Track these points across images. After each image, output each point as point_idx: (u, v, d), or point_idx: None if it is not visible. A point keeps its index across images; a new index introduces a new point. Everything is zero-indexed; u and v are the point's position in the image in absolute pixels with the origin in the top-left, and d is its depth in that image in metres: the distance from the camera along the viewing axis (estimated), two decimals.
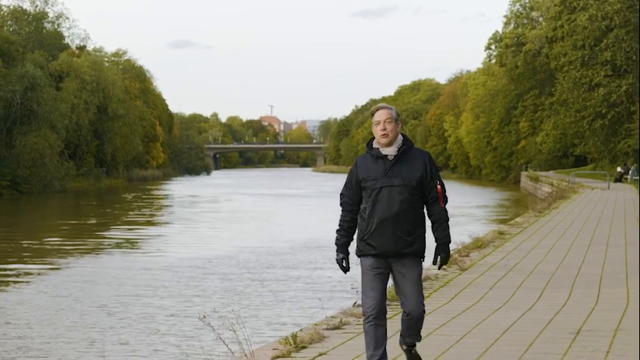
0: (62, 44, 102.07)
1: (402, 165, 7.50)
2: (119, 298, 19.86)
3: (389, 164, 7.50)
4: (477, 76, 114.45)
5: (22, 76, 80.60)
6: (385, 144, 7.52)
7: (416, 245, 7.54)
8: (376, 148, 7.58)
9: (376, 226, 7.46)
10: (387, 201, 7.44)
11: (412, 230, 7.51)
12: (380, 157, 7.53)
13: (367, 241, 7.52)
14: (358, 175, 7.59)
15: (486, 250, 19.30)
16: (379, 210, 7.46)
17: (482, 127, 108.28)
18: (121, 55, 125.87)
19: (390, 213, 7.44)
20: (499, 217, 43.39)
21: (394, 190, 7.45)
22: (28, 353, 14.46)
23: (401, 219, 7.45)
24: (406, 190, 7.46)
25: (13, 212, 58.33)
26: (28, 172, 77.91)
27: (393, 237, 7.45)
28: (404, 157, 7.53)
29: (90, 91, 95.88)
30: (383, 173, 7.48)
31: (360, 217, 7.61)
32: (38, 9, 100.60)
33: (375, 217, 7.46)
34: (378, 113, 7.62)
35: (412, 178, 7.48)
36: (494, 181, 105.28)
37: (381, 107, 7.66)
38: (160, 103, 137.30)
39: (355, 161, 7.70)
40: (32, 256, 29.46)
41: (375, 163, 7.54)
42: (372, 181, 7.49)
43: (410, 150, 7.58)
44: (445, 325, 10.43)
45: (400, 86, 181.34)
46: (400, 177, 7.47)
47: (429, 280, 14.24)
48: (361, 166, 7.61)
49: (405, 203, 7.45)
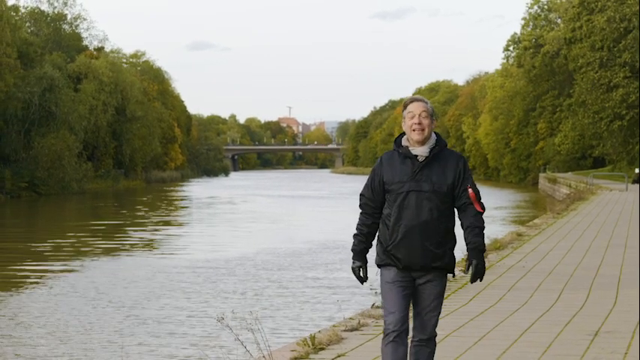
0: (80, 46, 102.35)
1: (433, 168, 6.65)
2: (137, 299, 19.90)
3: (418, 166, 6.64)
4: (495, 78, 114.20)
5: (41, 78, 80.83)
6: (419, 141, 6.64)
7: (446, 259, 6.67)
8: (405, 147, 6.71)
9: (402, 236, 6.61)
10: (415, 208, 6.59)
11: (442, 242, 6.64)
12: (409, 156, 6.67)
13: (391, 251, 6.66)
14: (383, 175, 6.73)
15: (504, 251, 19.27)
16: (406, 218, 6.60)
17: (501, 129, 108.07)
18: (139, 56, 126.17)
19: (418, 222, 6.58)
20: (517, 219, 43.27)
21: (423, 196, 6.59)
22: (46, 354, 14.50)
23: (430, 229, 6.60)
24: (436, 196, 6.61)
25: (32, 213, 58.51)
26: (46, 173, 78.08)
27: (421, 249, 6.60)
28: (436, 159, 6.68)
29: (108, 92, 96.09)
30: (411, 176, 6.63)
31: (383, 223, 6.75)
32: (56, 10, 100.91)
33: (402, 225, 6.61)
34: (412, 105, 6.74)
35: (443, 183, 6.63)
36: (512, 183, 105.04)
37: (417, 99, 6.78)
38: (179, 104, 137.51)
39: (380, 159, 6.83)
40: (50, 257, 29.54)
41: (402, 164, 6.68)
42: (398, 184, 6.64)
43: (443, 151, 6.73)
44: (463, 327, 10.42)
45: (418, 88, 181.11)
46: (430, 181, 6.61)
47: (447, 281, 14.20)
48: (387, 165, 6.74)
49: (434, 211, 6.60)
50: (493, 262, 17.11)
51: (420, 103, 6.75)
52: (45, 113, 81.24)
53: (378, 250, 6.78)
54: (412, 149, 6.69)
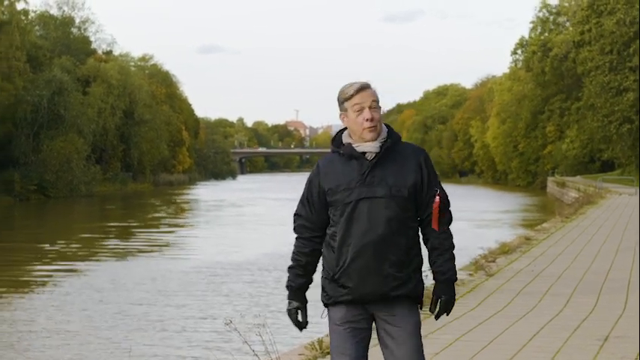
0: (89, 49, 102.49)
1: (388, 167, 5.19)
2: (144, 301, 19.89)
3: (368, 166, 5.17)
4: (503, 81, 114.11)
5: (50, 81, 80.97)
6: (375, 139, 5.20)
7: (411, 284, 5.15)
8: (347, 145, 5.25)
9: (352, 258, 5.09)
10: (368, 220, 5.10)
11: (406, 262, 5.14)
12: (354, 156, 5.20)
13: (339, 281, 5.15)
14: (322, 184, 5.25)
15: (513, 255, 19.21)
16: (356, 233, 5.10)
17: (509, 132, 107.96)
18: (147, 59, 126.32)
19: (373, 237, 5.08)
20: (525, 223, 43.21)
21: (377, 204, 5.12)
22: (54, 356, 14.49)
23: (389, 245, 5.09)
24: (395, 202, 5.13)
25: (40, 216, 58.58)
26: (55, 176, 78.20)
27: (377, 273, 5.08)
28: (390, 156, 5.22)
29: (116, 95, 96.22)
30: (360, 179, 5.15)
31: (328, 246, 5.25)
32: (65, 14, 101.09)
33: (351, 244, 5.10)
34: (359, 95, 5.24)
35: (402, 186, 5.16)
36: (520, 187, 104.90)
37: (363, 87, 5.28)
38: (186, 107, 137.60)
39: (316, 165, 5.36)
40: (59, 259, 29.56)
41: (346, 166, 5.21)
42: (344, 191, 5.16)
43: (397, 145, 5.27)
44: (472, 331, 10.37)
45: (426, 91, 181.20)
46: (385, 184, 5.15)
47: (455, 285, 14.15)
48: (326, 171, 5.27)
49: (394, 222, 5.11)
50: (501, 266, 17.06)
51: (367, 91, 5.26)
52: (54, 116, 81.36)
53: (322, 282, 5.27)
54: (357, 146, 5.21)
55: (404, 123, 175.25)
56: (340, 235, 5.15)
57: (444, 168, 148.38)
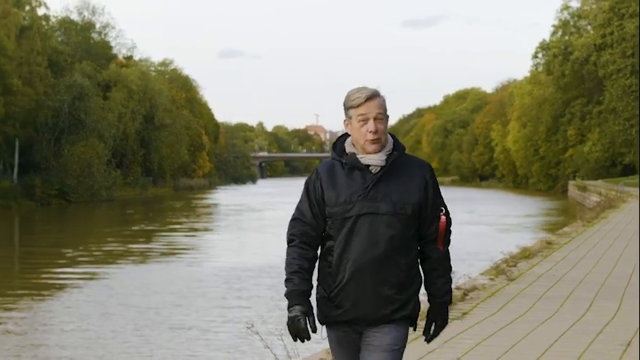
0: (109, 54, 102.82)
1: (392, 182, 4.91)
2: (165, 305, 19.92)
3: (372, 180, 4.89)
4: (523, 85, 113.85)
5: (71, 86, 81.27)
6: (375, 151, 4.92)
7: (410, 306, 4.92)
8: (352, 154, 4.95)
9: (350, 277, 4.83)
10: (369, 237, 4.83)
11: (406, 284, 4.89)
12: (358, 167, 4.92)
13: (335, 300, 4.88)
14: (324, 193, 4.95)
15: (534, 259, 19.15)
16: (355, 251, 4.83)
17: (529, 136, 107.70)
18: (167, 64, 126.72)
19: (373, 256, 4.81)
20: (547, 227, 43.08)
21: (380, 221, 4.84)
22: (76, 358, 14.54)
23: (389, 266, 4.84)
24: (398, 220, 4.86)
25: (61, 220, 58.77)
26: (76, 181, 78.45)
27: (375, 295, 4.83)
28: (395, 170, 4.94)
29: (137, 100, 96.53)
30: (362, 193, 4.87)
31: (324, 260, 4.96)
32: (85, 19, 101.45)
33: (349, 261, 4.84)
34: (366, 105, 4.95)
35: (407, 203, 4.89)
36: (541, 190, 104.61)
37: (370, 95, 4.98)
38: (206, 112, 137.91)
39: (315, 171, 5.03)
40: (80, 263, 29.64)
41: (349, 178, 4.92)
42: (345, 205, 4.87)
43: (402, 159, 4.99)
44: (493, 336, 10.34)
45: (446, 95, 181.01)
46: (389, 200, 4.87)
47: (476, 290, 14.13)
48: (327, 179, 4.96)
49: (395, 241, 4.84)
50: (523, 270, 17.00)
51: (375, 101, 4.96)
52: (75, 121, 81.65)
53: (318, 300, 4.96)
54: (362, 157, 4.93)
55: (424, 127, 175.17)
56: (338, 252, 4.87)
57: (464, 172, 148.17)
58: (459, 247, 30.46)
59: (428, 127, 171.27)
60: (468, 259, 26.18)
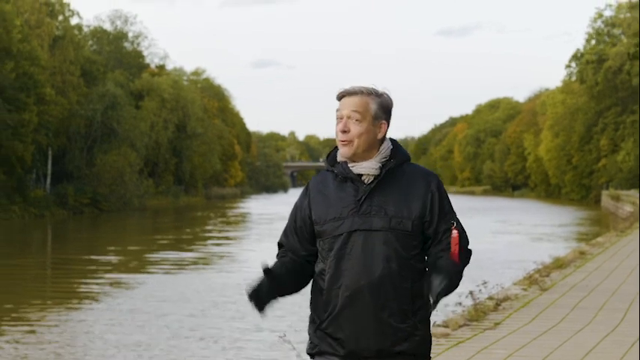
0: (142, 63, 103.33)
1: (389, 193, 4.25)
2: (198, 313, 19.94)
3: (365, 191, 4.24)
4: (556, 94, 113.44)
5: (103, 95, 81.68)
6: (348, 156, 4.27)
7: (418, 337, 4.21)
8: (342, 163, 4.31)
9: (343, 304, 4.19)
10: (362, 257, 4.18)
11: (409, 310, 4.20)
12: (349, 178, 4.28)
13: (328, 330, 4.26)
14: (311, 210, 4.36)
15: (567, 270, 19.04)
16: (349, 274, 4.19)
17: (562, 146, 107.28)
18: (200, 73, 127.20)
19: (369, 279, 4.16)
20: (580, 237, 42.84)
21: (373, 238, 4.19)
22: None
23: (389, 290, 4.16)
24: (395, 237, 4.19)
25: (94, 229, 59.04)
26: (108, 190, 78.78)
27: (374, 323, 4.17)
28: (392, 180, 4.28)
29: (169, 109, 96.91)
30: (353, 207, 4.23)
31: (316, 287, 4.36)
32: (118, 29, 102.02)
33: (342, 285, 4.20)
34: (341, 102, 4.33)
35: (405, 217, 4.21)
36: (574, 200, 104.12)
37: (349, 92, 4.32)
38: (238, 121, 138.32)
39: (306, 186, 4.49)
40: (112, 271, 29.73)
41: (339, 190, 4.30)
42: (334, 221, 4.24)
43: (402, 168, 4.34)
44: (526, 347, 10.27)
45: (478, 104, 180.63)
46: (384, 214, 4.21)
47: (509, 300, 14.05)
48: (316, 195, 4.37)
49: (393, 262, 4.17)
50: (556, 280, 16.90)
51: (352, 98, 4.29)
52: (107, 130, 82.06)
53: (309, 330, 4.41)
54: (353, 166, 4.27)
55: (456, 136, 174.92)
56: (329, 275, 4.24)
57: (497, 182, 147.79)
58: (491, 256, 30.36)
59: (460, 137, 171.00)
60: (500, 269, 26.07)
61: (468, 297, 13.58)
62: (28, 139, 67.13)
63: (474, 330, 11.27)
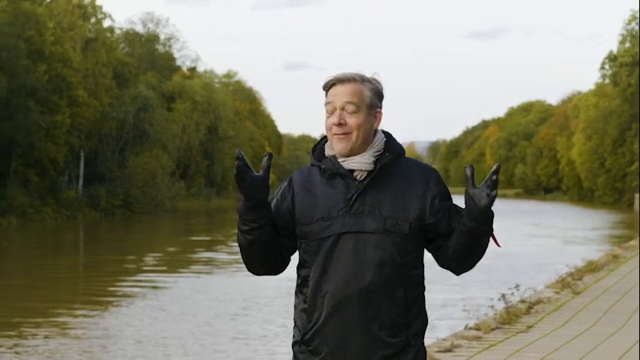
0: (173, 66, 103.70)
1: (384, 191, 3.81)
2: (227, 314, 19.95)
3: (356, 189, 3.81)
4: (588, 97, 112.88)
5: (135, 97, 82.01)
6: (343, 153, 3.85)
7: (411, 353, 3.80)
8: (331, 157, 3.89)
9: (329, 315, 3.78)
10: (352, 263, 3.76)
11: (402, 323, 3.79)
12: (339, 174, 3.84)
13: (311, 343, 3.87)
14: (294, 207, 3.90)
15: (600, 273, 18.92)
16: (335, 280, 3.77)
17: (595, 149, 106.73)
18: (231, 76, 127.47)
19: (358, 287, 3.73)
20: (612, 240, 42.55)
21: (366, 241, 3.76)
22: None
23: (380, 299, 3.75)
24: (390, 240, 3.76)
25: (125, 231, 59.27)
26: (140, 191, 79.08)
27: (362, 337, 3.75)
28: (388, 176, 3.85)
29: (201, 112, 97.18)
30: (344, 207, 3.80)
31: (298, 296, 3.97)
32: (150, 31, 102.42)
33: (327, 294, 3.79)
34: (332, 91, 3.92)
35: (402, 218, 3.79)
36: (606, 204, 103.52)
37: (340, 79, 3.90)
38: (270, 123, 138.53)
39: (289, 179, 4.01)
40: (143, 272, 29.82)
41: (328, 187, 3.86)
42: (322, 221, 3.81)
43: (397, 162, 3.91)
44: (558, 350, 10.19)
45: (510, 107, 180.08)
46: (378, 215, 3.78)
47: (542, 303, 13.96)
48: (301, 191, 3.91)
49: (387, 268, 3.75)
50: (588, 284, 16.79)
51: (345, 86, 3.88)
52: (139, 132, 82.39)
53: (293, 345, 4.03)
54: (343, 161, 3.85)
55: (488, 139, 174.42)
56: (314, 281, 3.82)
57: (529, 185, 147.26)
58: (523, 259, 30.22)
59: (492, 140, 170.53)
60: (532, 272, 25.93)
61: (501, 300, 13.51)
62: (60, 140, 67.53)
63: (506, 333, 11.20)
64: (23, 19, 65.22)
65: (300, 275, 3.95)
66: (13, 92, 61.33)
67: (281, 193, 3.95)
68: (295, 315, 3.97)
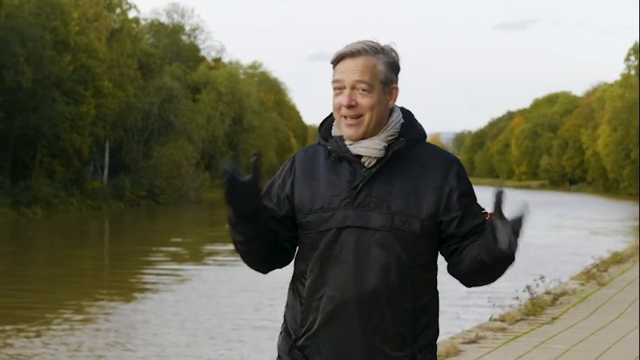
0: (198, 56, 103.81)
1: (395, 181, 3.29)
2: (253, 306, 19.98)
3: (362, 177, 3.30)
4: (614, 88, 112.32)
5: (160, 88, 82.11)
6: (357, 137, 3.31)
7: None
8: (337, 138, 3.37)
9: (325, 320, 3.30)
10: (354, 263, 3.26)
11: (410, 335, 3.30)
12: (346, 158, 3.33)
13: (303, 351, 3.38)
14: (294, 192, 3.40)
15: (625, 264, 18.84)
16: (335, 281, 3.28)
17: (620, 140, 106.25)
18: (256, 67, 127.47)
19: (360, 292, 3.24)
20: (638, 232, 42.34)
21: (370, 239, 3.25)
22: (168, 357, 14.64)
23: (383, 308, 3.26)
24: (398, 240, 3.25)
25: (150, 221, 59.44)
26: (165, 182, 79.22)
27: (361, 350, 3.27)
28: (401, 165, 3.32)
29: (226, 102, 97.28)
30: (348, 196, 3.29)
31: (293, 292, 3.49)
32: (175, 22, 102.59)
33: (324, 296, 3.30)
34: (341, 67, 3.33)
35: (414, 215, 3.27)
36: (632, 195, 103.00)
37: (352, 52, 3.32)
38: (295, 114, 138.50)
39: (291, 159, 3.51)
40: (167, 262, 29.89)
41: (332, 173, 3.35)
42: (322, 212, 3.31)
43: (414, 149, 3.36)
44: (583, 342, 10.16)
45: (536, 98, 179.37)
46: (386, 209, 3.26)
47: (567, 294, 13.91)
48: (302, 174, 3.41)
49: (394, 272, 3.24)
50: (614, 275, 16.72)
51: (356, 60, 3.31)
52: (164, 123, 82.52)
53: (279, 346, 3.52)
54: (351, 144, 3.33)
55: (513, 130, 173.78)
56: (311, 280, 3.33)
57: (554, 176, 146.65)
58: (548, 251, 30.12)
59: (517, 131, 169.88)
60: (557, 264, 25.85)
61: (525, 291, 13.48)
62: (85, 131, 67.75)
63: (531, 324, 11.18)
64: (48, 10, 65.44)
65: (296, 271, 3.44)
66: (38, 83, 61.61)
67: (282, 178, 3.45)
68: (287, 315, 3.50)
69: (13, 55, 59.32)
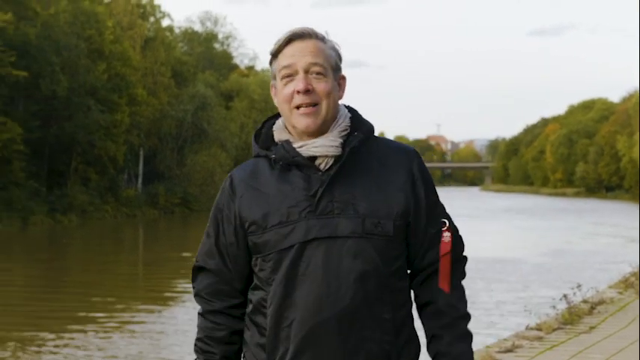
0: (231, 64, 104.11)
1: (357, 182, 2.95)
2: None
3: (320, 182, 2.93)
4: None
5: (194, 96, 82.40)
6: (311, 129, 2.97)
7: None
8: (284, 143, 3.03)
9: (297, 351, 2.88)
10: (326, 278, 2.87)
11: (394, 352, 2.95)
12: (295, 163, 2.97)
13: None
14: (239, 213, 3.00)
15: None
16: (304, 304, 2.88)
17: None
18: None
19: (335, 312, 2.86)
20: None
21: (341, 249, 2.88)
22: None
23: (364, 323, 2.89)
24: (372, 246, 2.90)
25: (184, 229, 59.55)
26: (199, 190, 79.45)
27: None
28: (358, 163, 2.98)
29: (258, 110, 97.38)
30: (307, 205, 2.91)
31: (251, 326, 3.04)
32: (208, 30, 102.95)
33: (293, 323, 2.89)
34: (290, 49, 2.99)
35: (384, 215, 2.92)
36: None
37: (299, 34, 2.99)
38: None
39: (228, 179, 3.09)
40: None
41: (283, 182, 2.97)
42: (280, 227, 2.92)
43: (368, 144, 3.03)
44: (622, 352, 9.99)
45: (571, 105, 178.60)
46: (354, 212, 2.91)
47: (604, 303, 13.72)
48: (245, 191, 3.01)
49: (372, 282, 2.89)
50: None
51: (307, 41, 2.99)
52: (197, 131, 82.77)
53: None
54: (301, 146, 2.98)
55: (548, 137, 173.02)
56: (274, 307, 2.91)
57: (590, 183, 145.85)
58: (585, 259, 29.85)
59: (552, 138, 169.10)
60: (595, 272, 25.60)
61: (562, 300, 13.31)
62: (120, 139, 68.11)
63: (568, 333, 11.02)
64: (83, 19, 65.86)
65: (252, 301, 3.01)
66: (73, 91, 62.00)
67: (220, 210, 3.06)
68: (246, 349, 3.06)
69: (48, 64, 59.72)
